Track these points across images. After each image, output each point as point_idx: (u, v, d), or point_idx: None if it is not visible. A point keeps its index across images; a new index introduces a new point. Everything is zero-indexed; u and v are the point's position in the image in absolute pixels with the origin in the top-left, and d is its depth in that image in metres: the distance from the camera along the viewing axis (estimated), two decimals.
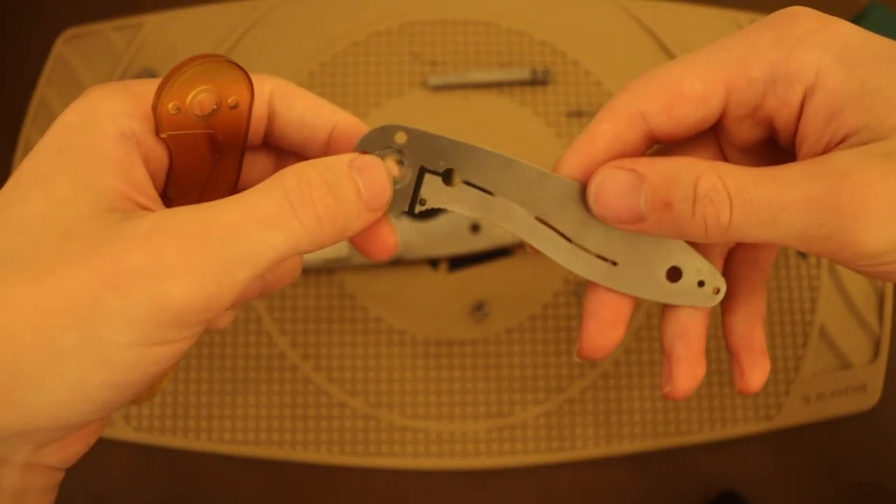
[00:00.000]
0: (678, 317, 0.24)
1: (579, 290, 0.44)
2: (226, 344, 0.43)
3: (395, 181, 0.22)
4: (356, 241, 0.23)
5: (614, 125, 0.22)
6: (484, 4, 0.49)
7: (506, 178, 0.23)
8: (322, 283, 0.44)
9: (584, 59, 0.48)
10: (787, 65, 0.20)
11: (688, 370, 0.24)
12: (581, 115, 0.47)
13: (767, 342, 0.44)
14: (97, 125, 0.19)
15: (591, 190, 0.22)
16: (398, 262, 0.43)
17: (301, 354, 0.43)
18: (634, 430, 0.42)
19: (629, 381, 0.43)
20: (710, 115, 0.22)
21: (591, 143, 0.22)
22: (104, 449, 0.42)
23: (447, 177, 0.23)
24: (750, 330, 0.25)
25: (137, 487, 0.42)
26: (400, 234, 0.43)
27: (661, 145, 0.24)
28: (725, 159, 0.24)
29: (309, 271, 0.44)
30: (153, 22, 0.48)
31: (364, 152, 0.22)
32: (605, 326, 0.24)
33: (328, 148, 0.23)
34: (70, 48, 0.48)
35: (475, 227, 0.44)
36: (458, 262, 0.45)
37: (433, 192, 0.23)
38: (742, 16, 0.49)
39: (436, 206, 0.23)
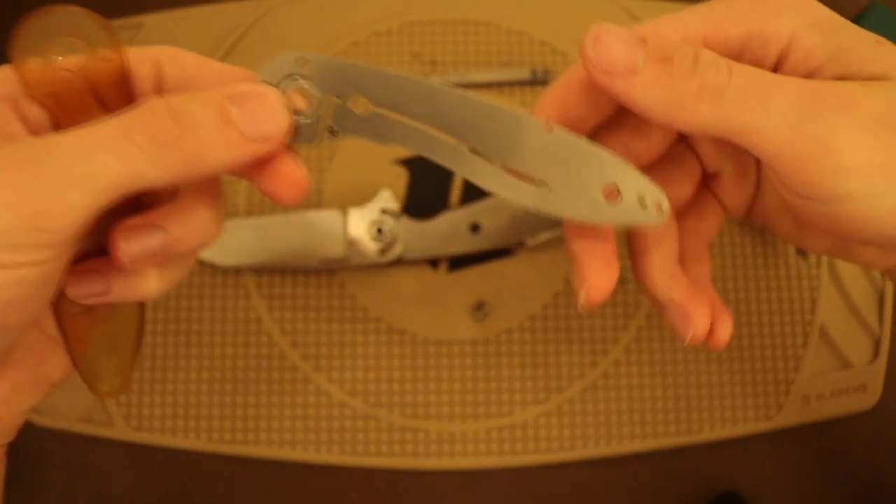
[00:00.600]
0: (657, 258, 0.25)
1: None
2: (226, 344, 0.43)
3: (303, 114, 0.21)
4: (259, 182, 0.22)
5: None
6: (484, 4, 0.49)
7: (426, 105, 0.21)
8: (322, 283, 0.44)
9: None
10: (763, 26, 0.22)
11: (699, 306, 0.24)
12: None
13: (767, 342, 0.44)
14: None
15: (587, 40, 0.20)
16: (398, 262, 0.43)
17: (301, 354, 0.43)
18: (634, 430, 0.42)
19: (629, 381, 0.43)
20: None
21: (568, 88, 0.23)
22: (104, 449, 0.42)
23: (358, 105, 0.22)
24: (702, 289, 0.26)
25: (137, 487, 0.42)
26: (400, 234, 0.43)
27: None
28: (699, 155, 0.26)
29: (309, 271, 0.44)
30: (153, 22, 0.48)
31: (265, 84, 0.21)
32: (604, 266, 0.23)
33: None
34: None
35: (475, 227, 0.44)
36: (458, 262, 0.45)
37: (343, 121, 0.22)
38: None
39: (349, 135, 0.22)
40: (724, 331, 0.25)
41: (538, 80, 0.47)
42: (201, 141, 0.19)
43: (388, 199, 0.43)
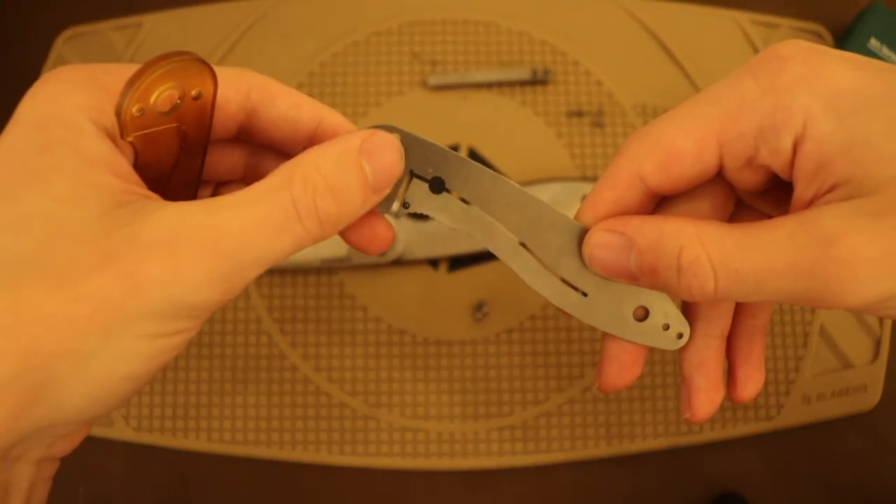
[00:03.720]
0: (696, 347, 0.24)
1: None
2: (226, 344, 0.43)
3: None
4: (349, 238, 0.23)
5: (615, 192, 0.23)
6: (484, 4, 0.49)
7: (492, 196, 0.23)
8: (322, 283, 0.44)
9: (584, 59, 0.48)
10: (774, 116, 0.20)
11: (706, 398, 0.24)
12: (581, 115, 0.47)
13: (767, 342, 0.44)
14: (74, 122, 0.19)
15: (585, 251, 0.22)
16: (398, 262, 0.43)
17: (301, 354, 0.43)
18: (634, 430, 0.42)
19: None
20: (707, 168, 0.22)
21: (596, 210, 0.23)
22: (104, 449, 0.42)
23: (434, 185, 0.23)
24: (750, 343, 0.25)
25: (137, 487, 0.42)
26: (400, 235, 0.42)
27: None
28: (737, 199, 0.24)
29: (309, 271, 0.44)
30: (153, 21, 0.48)
31: None
32: (624, 369, 0.24)
33: (313, 145, 0.23)
34: (70, 48, 0.48)
35: None
36: (458, 262, 0.45)
37: (418, 197, 0.23)
38: (742, 16, 0.49)
39: (418, 212, 0.23)
40: (748, 391, 0.25)
41: (538, 80, 0.47)
42: (353, 212, 0.21)
43: None
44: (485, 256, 0.44)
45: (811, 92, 0.20)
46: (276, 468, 0.42)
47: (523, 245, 0.23)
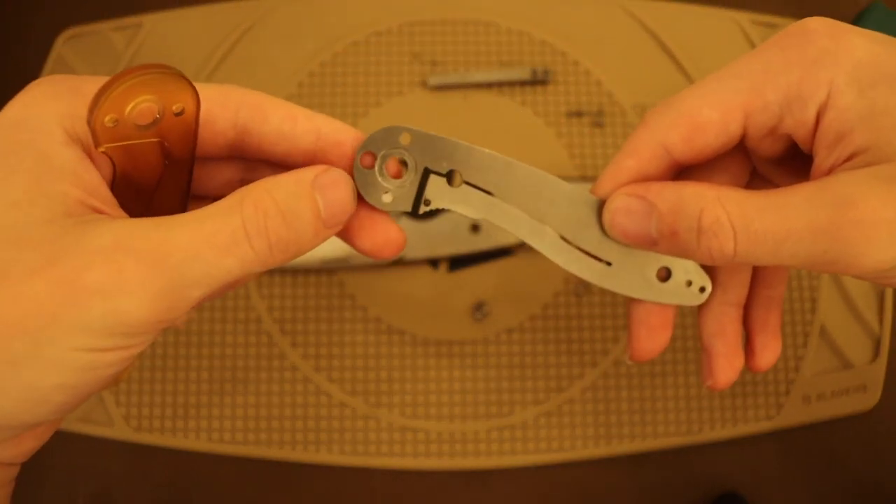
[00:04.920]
0: (714, 315, 0.25)
1: (579, 289, 0.44)
2: (226, 344, 0.43)
3: (399, 183, 0.22)
4: (356, 244, 0.23)
5: (638, 161, 0.23)
6: (484, 4, 0.49)
7: (507, 181, 0.23)
8: (322, 283, 0.44)
9: (584, 59, 0.48)
10: (800, 87, 0.21)
11: (727, 364, 0.25)
12: (581, 115, 0.47)
13: None
14: (45, 127, 0.19)
15: (606, 217, 0.23)
16: (398, 262, 0.43)
17: (301, 354, 0.43)
18: (634, 430, 0.42)
19: (629, 382, 0.43)
20: (731, 139, 0.22)
21: (617, 178, 0.23)
22: (104, 449, 0.42)
23: (450, 178, 0.23)
24: (767, 313, 0.26)
25: (137, 487, 0.42)
26: None
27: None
28: (754, 167, 0.25)
29: (309, 271, 0.44)
30: (153, 21, 0.48)
31: (368, 153, 0.22)
32: (654, 332, 0.25)
33: (314, 157, 0.23)
34: (70, 48, 0.48)
35: (475, 227, 0.44)
36: (458, 262, 0.45)
37: (437, 193, 0.23)
38: (742, 16, 0.49)
39: (439, 207, 0.23)
40: (766, 359, 0.26)
41: (538, 80, 0.47)
42: (303, 239, 0.20)
43: None
44: (485, 256, 0.45)
45: (836, 64, 0.20)
46: (276, 468, 0.42)
47: (543, 223, 0.24)
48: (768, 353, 0.25)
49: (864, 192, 0.19)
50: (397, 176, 0.23)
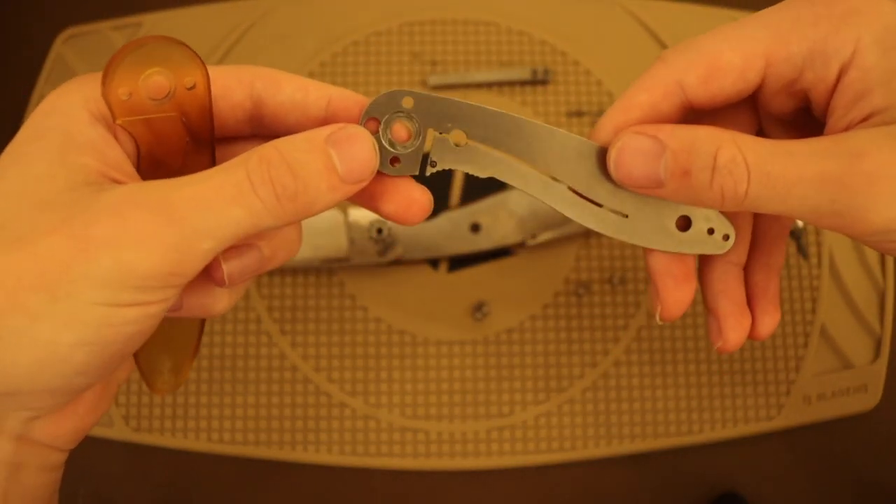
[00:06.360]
0: (717, 274, 0.25)
1: (579, 289, 0.44)
2: (226, 344, 0.43)
3: (405, 145, 0.22)
4: (380, 209, 0.23)
5: (651, 96, 0.22)
6: (484, 4, 0.49)
7: (513, 137, 0.23)
8: (322, 283, 0.44)
9: (584, 59, 0.48)
10: (826, 42, 0.21)
11: (736, 323, 0.25)
12: (581, 114, 0.47)
13: (768, 342, 0.44)
14: (70, 110, 0.20)
15: (612, 154, 0.22)
16: (398, 262, 0.43)
17: (301, 354, 0.43)
18: (634, 430, 0.42)
19: (629, 382, 0.43)
20: (747, 87, 0.22)
21: (627, 112, 0.23)
22: (104, 449, 0.42)
23: (456, 138, 0.23)
24: (766, 279, 0.26)
25: (137, 487, 0.42)
26: (400, 235, 0.42)
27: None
28: (760, 126, 0.25)
29: (309, 271, 0.44)
30: (152, 21, 0.48)
31: (372, 119, 0.22)
32: (680, 282, 0.24)
33: (325, 124, 0.23)
34: (69, 47, 0.48)
35: (475, 227, 0.44)
36: (458, 262, 0.45)
37: (442, 153, 0.23)
38: (742, 16, 0.49)
39: (446, 167, 0.23)
40: (766, 325, 0.25)
41: (538, 80, 0.47)
42: (313, 191, 0.20)
43: None
44: (485, 256, 0.44)
45: (864, 24, 0.20)
46: (276, 468, 0.42)
47: (554, 179, 0.23)
48: (768, 318, 0.25)
49: (877, 148, 0.19)
50: (403, 140, 0.22)
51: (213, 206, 0.19)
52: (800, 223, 0.44)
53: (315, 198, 0.20)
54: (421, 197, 0.23)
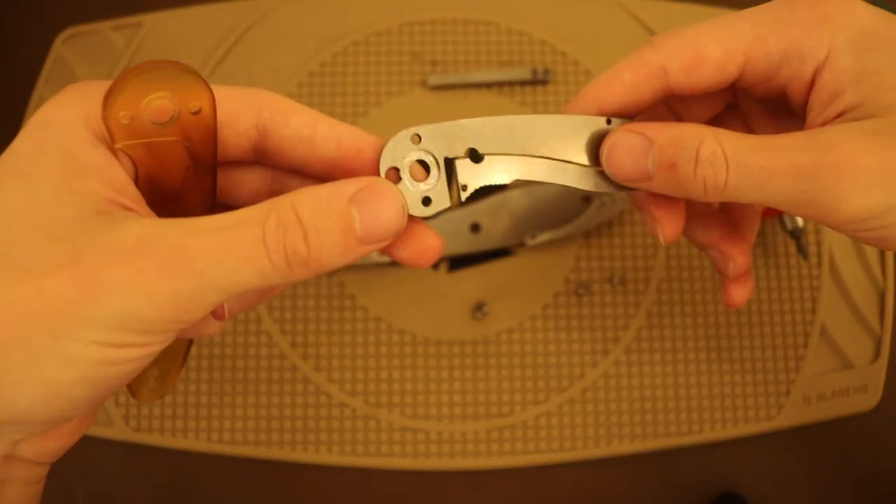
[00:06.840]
0: (700, 224, 0.27)
1: (579, 289, 0.44)
2: (226, 344, 0.43)
3: (427, 182, 0.22)
4: (391, 254, 0.23)
5: (634, 76, 0.24)
6: (484, 4, 0.49)
7: (514, 137, 0.24)
8: (322, 283, 0.44)
9: (584, 59, 0.48)
10: (801, 43, 0.22)
11: (738, 252, 0.27)
12: None
13: (768, 342, 0.44)
14: (71, 127, 0.19)
15: (604, 151, 0.23)
16: (398, 263, 0.43)
17: (301, 354, 0.43)
18: (634, 430, 0.42)
19: (629, 382, 0.43)
20: (725, 79, 0.24)
21: (609, 88, 0.24)
22: (104, 449, 0.42)
23: (474, 156, 0.23)
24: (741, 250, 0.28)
25: (137, 487, 0.42)
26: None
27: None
28: (735, 104, 0.27)
29: None
30: (152, 21, 0.48)
31: (391, 169, 0.22)
32: (674, 216, 0.25)
33: (334, 165, 0.22)
34: (69, 47, 0.48)
35: (475, 227, 0.44)
36: (458, 262, 0.45)
37: (467, 175, 0.23)
38: None
39: (477, 187, 0.23)
40: (739, 293, 0.27)
41: (538, 80, 0.47)
42: (326, 256, 0.20)
43: None
44: (485, 256, 0.44)
45: (839, 29, 0.22)
46: (276, 468, 0.42)
47: (565, 160, 0.24)
48: (742, 287, 0.27)
49: (846, 141, 0.20)
50: (423, 178, 0.22)
51: (228, 264, 0.18)
52: (800, 223, 0.44)
53: (328, 262, 0.20)
54: (434, 243, 0.23)
